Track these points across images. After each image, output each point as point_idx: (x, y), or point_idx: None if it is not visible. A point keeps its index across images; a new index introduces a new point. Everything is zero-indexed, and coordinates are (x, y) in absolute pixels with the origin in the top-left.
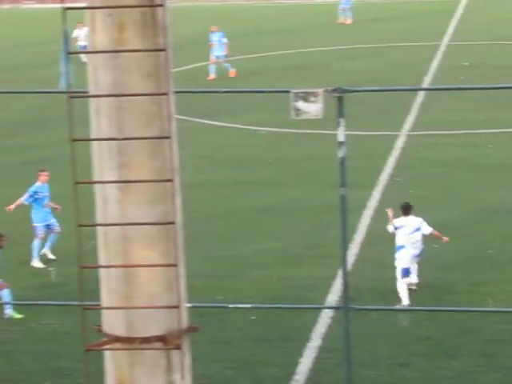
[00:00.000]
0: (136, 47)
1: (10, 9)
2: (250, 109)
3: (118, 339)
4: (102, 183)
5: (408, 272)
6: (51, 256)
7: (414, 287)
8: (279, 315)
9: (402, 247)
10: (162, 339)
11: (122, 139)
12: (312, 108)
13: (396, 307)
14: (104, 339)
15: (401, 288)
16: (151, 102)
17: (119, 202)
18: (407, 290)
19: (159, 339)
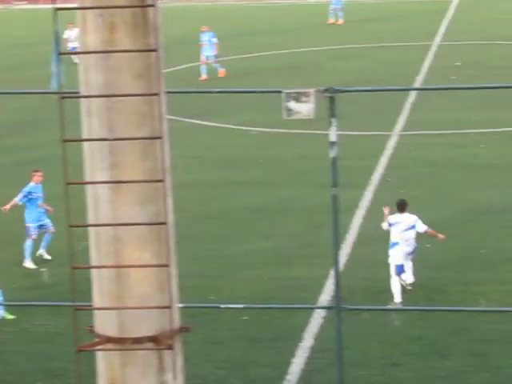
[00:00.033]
0: (127, 47)
1: (1, 9)
2: (242, 109)
3: (110, 340)
4: (94, 184)
5: (402, 269)
6: (47, 256)
7: (410, 287)
8: (271, 315)
9: (396, 244)
10: (154, 339)
11: (114, 139)
12: (304, 108)
13: (388, 307)
14: (96, 340)
15: (394, 285)
16: (142, 103)
17: (111, 203)
18: (400, 288)
19: (151, 339)
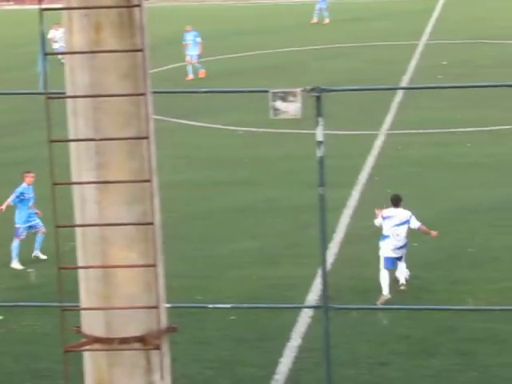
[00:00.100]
0: (113, 48)
1: None
2: (229, 109)
3: (97, 340)
4: (80, 184)
5: (390, 263)
6: (43, 256)
7: (403, 287)
8: (259, 315)
9: (387, 237)
10: (141, 340)
11: (100, 140)
12: (290, 108)
13: (376, 306)
14: (83, 340)
15: (382, 278)
16: (129, 103)
17: (97, 203)
18: (388, 281)
19: (138, 340)
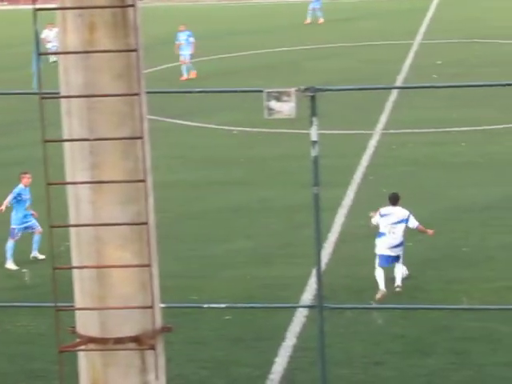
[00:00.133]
0: (107, 48)
1: None
2: (223, 109)
3: (92, 340)
4: (75, 184)
5: (385, 260)
6: (41, 256)
7: (398, 289)
8: (253, 315)
9: (383, 234)
10: (136, 340)
11: (94, 140)
12: (285, 107)
13: (370, 306)
14: (78, 340)
15: (377, 275)
16: (123, 103)
17: (92, 203)
18: (384, 277)
19: (133, 340)
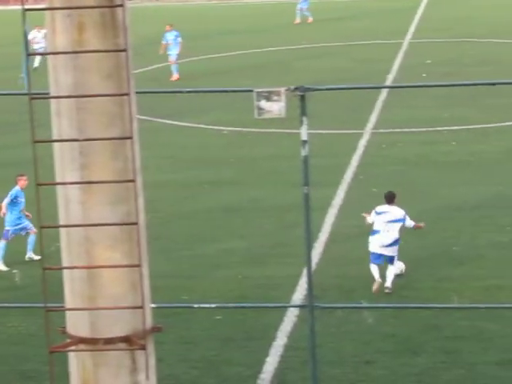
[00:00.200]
0: (96, 48)
1: None
2: (213, 109)
3: (82, 340)
4: (64, 184)
5: (377, 258)
6: (36, 257)
7: (388, 291)
8: (244, 314)
9: (377, 232)
10: (127, 340)
11: (84, 140)
12: (275, 107)
13: (361, 305)
14: (68, 341)
15: (371, 268)
16: (112, 103)
17: (81, 203)
18: (377, 269)
19: (123, 340)
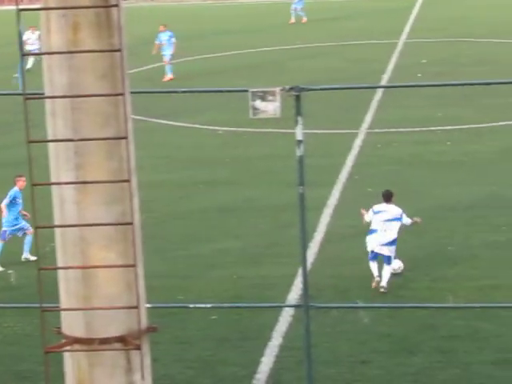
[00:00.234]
0: (91, 48)
1: None
2: (208, 108)
3: (78, 340)
4: (59, 184)
5: (375, 256)
6: (32, 258)
7: (383, 290)
8: (240, 315)
9: (374, 231)
10: (122, 340)
11: (78, 140)
12: (270, 107)
13: (356, 305)
14: (63, 341)
15: (370, 265)
16: (107, 103)
17: (76, 204)
18: (376, 266)
19: (119, 340)
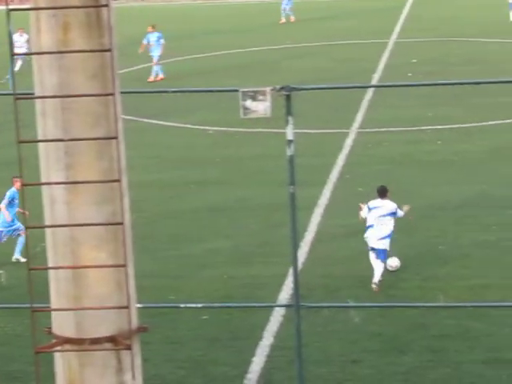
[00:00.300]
0: (81, 48)
1: None
2: (199, 108)
3: (68, 341)
4: (50, 184)
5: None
6: (23, 259)
7: (374, 285)
8: (231, 314)
9: (371, 227)
10: (112, 340)
11: (69, 140)
12: (260, 107)
13: (347, 304)
14: (54, 341)
15: (372, 262)
16: (97, 103)
17: (67, 204)
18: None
19: (109, 340)
